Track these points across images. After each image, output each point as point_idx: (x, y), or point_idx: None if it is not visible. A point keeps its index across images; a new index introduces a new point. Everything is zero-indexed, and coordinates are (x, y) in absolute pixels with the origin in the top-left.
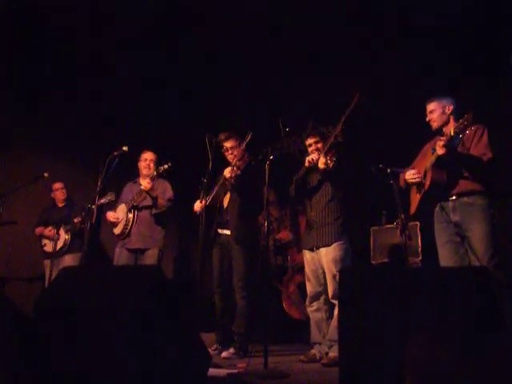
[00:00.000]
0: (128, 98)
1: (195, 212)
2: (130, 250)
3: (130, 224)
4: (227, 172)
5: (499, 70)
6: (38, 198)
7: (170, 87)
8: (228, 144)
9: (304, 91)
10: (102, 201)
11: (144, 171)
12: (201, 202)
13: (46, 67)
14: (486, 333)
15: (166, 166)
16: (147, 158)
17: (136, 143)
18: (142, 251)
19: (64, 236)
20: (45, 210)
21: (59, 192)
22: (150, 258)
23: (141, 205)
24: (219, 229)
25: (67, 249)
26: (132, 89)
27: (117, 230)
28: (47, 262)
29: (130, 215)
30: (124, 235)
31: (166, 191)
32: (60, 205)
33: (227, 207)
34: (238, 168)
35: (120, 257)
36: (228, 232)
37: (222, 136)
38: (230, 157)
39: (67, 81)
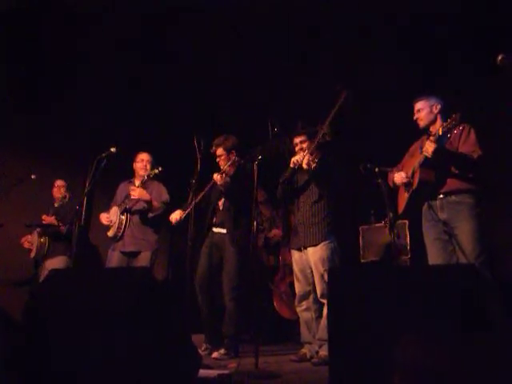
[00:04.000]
0: (118, 99)
1: (172, 223)
2: (122, 253)
3: (122, 226)
4: (217, 179)
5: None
6: (25, 201)
7: (158, 87)
8: (219, 152)
9: (294, 91)
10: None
11: (141, 172)
12: (183, 211)
13: (44, 68)
14: (475, 332)
15: (156, 171)
16: (143, 159)
17: (124, 145)
18: (135, 254)
19: (39, 240)
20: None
21: (55, 190)
22: (143, 260)
23: (133, 208)
24: (214, 228)
25: (48, 253)
26: (121, 90)
27: (110, 233)
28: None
29: (123, 217)
30: (117, 238)
31: (161, 194)
32: (55, 204)
33: (222, 209)
34: (227, 174)
35: (112, 259)
36: (223, 230)
37: (214, 142)
38: (221, 163)
39: (60, 81)
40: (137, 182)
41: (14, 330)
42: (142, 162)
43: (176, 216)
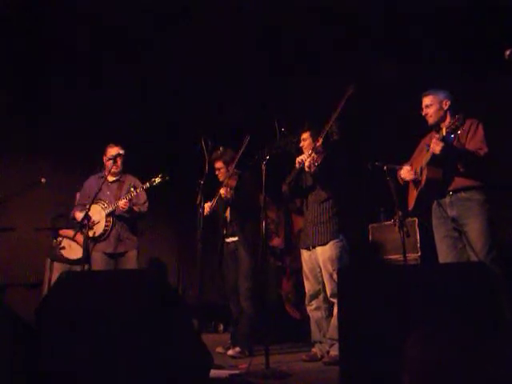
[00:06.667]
0: (125, 100)
1: (206, 213)
2: (108, 254)
3: (109, 226)
4: (223, 192)
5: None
6: (36, 204)
7: (165, 88)
8: (218, 165)
9: (301, 91)
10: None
11: (112, 169)
12: (208, 204)
13: (45, 71)
14: (485, 330)
15: (158, 180)
16: (114, 154)
17: (131, 145)
18: (121, 254)
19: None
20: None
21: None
22: (131, 259)
23: (119, 213)
24: (226, 238)
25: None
26: (128, 91)
27: (95, 232)
28: (60, 266)
29: (109, 218)
30: (101, 238)
31: (140, 195)
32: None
33: (230, 220)
34: (231, 187)
35: (97, 261)
36: (235, 238)
37: (212, 156)
38: (220, 175)
39: (65, 85)
40: (110, 178)
41: (26, 332)
42: (112, 160)
43: (206, 208)
